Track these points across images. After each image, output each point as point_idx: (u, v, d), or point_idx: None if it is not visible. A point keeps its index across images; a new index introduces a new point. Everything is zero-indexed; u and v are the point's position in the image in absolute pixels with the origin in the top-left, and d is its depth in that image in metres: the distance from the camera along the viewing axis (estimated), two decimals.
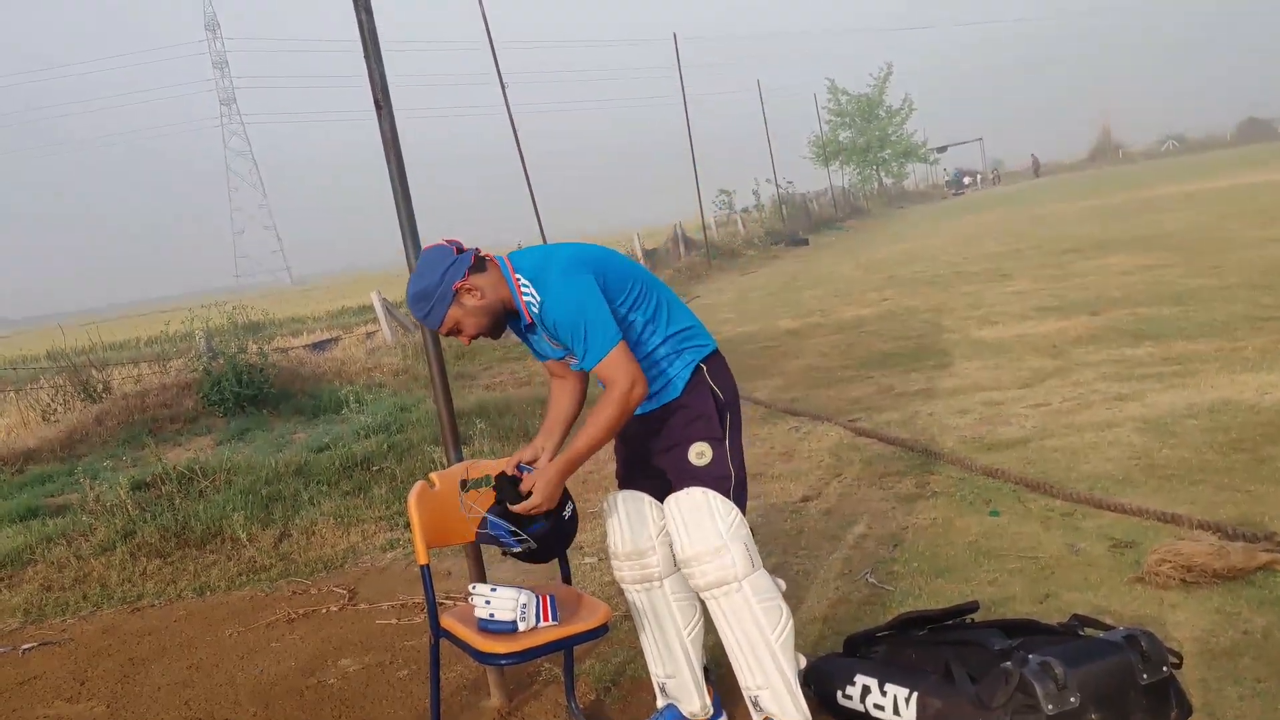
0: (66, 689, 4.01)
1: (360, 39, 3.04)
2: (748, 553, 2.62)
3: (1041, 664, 2.30)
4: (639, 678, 3.29)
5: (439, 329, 2.62)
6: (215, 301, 13.10)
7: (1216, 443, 4.67)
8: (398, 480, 6.27)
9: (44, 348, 20.21)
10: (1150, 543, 3.60)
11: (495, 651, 2.64)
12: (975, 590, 3.51)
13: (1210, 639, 2.93)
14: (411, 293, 2.60)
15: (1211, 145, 68.66)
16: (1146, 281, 10.13)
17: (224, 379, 9.38)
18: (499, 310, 2.62)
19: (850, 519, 4.52)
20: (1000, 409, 6.00)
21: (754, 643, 2.62)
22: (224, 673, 3.92)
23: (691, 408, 2.71)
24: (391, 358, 11.74)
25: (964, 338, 8.75)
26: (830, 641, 3.27)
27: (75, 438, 9.01)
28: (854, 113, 54.06)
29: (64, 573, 5.42)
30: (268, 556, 5.31)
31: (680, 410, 2.71)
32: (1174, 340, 7.07)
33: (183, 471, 6.45)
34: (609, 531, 2.86)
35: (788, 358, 9.37)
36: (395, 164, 3.07)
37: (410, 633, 4.04)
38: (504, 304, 2.62)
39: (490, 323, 2.62)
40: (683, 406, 2.70)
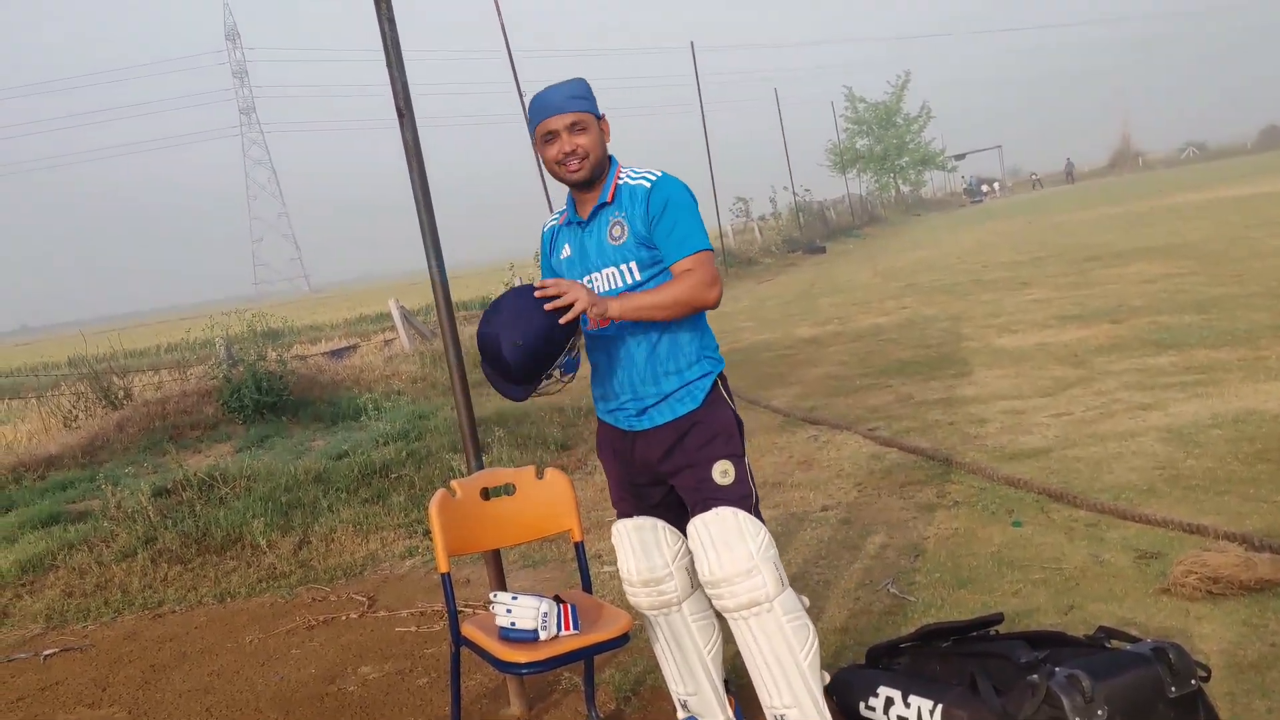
0: (88, 695, 4.03)
1: (383, 48, 3.06)
2: (777, 572, 2.56)
3: (1068, 677, 2.27)
4: (659, 687, 3.27)
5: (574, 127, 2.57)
6: (234, 309, 13.19)
7: (1241, 453, 4.62)
8: (416, 488, 6.28)
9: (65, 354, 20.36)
10: (1176, 554, 3.56)
11: (516, 660, 2.64)
12: (998, 601, 3.48)
13: (1238, 651, 2.90)
14: (576, 81, 2.63)
15: (1232, 153, 68.21)
16: (1168, 290, 10.05)
17: (244, 386, 9.43)
18: (603, 161, 2.64)
19: (870, 528, 4.49)
20: (1021, 418, 5.96)
21: (783, 663, 2.57)
22: (244, 679, 3.93)
23: (707, 423, 2.65)
24: (409, 365, 11.77)
25: (984, 346, 8.70)
26: (852, 652, 3.24)
27: (97, 444, 9.07)
28: (871, 120, 54.00)
29: (85, 579, 5.45)
30: (287, 563, 5.32)
31: (696, 427, 2.64)
32: (1197, 349, 7.01)
33: (203, 478, 6.48)
34: (622, 560, 2.79)
35: (806, 366, 9.34)
36: (417, 171, 3.08)
37: (430, 640, 4.04)
38: (604, 163, 2.64)
39: (597, 160, 2.61)
40: (697, 423, 2.64)
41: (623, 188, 2.65)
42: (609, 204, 2.65)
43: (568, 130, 2.57)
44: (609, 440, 2.82)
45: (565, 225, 2.77)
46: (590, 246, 2.68)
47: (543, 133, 2.61)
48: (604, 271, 2.65)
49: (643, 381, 2.66)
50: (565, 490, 3.06)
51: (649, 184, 2.61)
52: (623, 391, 2.69)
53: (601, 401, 2.79)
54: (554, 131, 2.58)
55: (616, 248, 2.63)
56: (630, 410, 2.70)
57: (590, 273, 2.67)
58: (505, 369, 2.49)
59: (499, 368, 2.51)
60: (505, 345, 2.45)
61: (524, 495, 3.06)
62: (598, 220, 2.67)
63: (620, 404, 2.71)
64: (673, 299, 2.53)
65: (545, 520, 3.08)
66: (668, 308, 2.53)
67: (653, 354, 2.65)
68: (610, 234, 2.64)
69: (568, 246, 2.74)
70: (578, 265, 2.70)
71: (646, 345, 2.65)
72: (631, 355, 2.66)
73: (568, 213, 2.76)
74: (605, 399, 2.76)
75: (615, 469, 2.81)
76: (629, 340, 2.66)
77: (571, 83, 2.64)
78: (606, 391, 2.74)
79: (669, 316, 2.56)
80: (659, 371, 2.65)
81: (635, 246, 2.61)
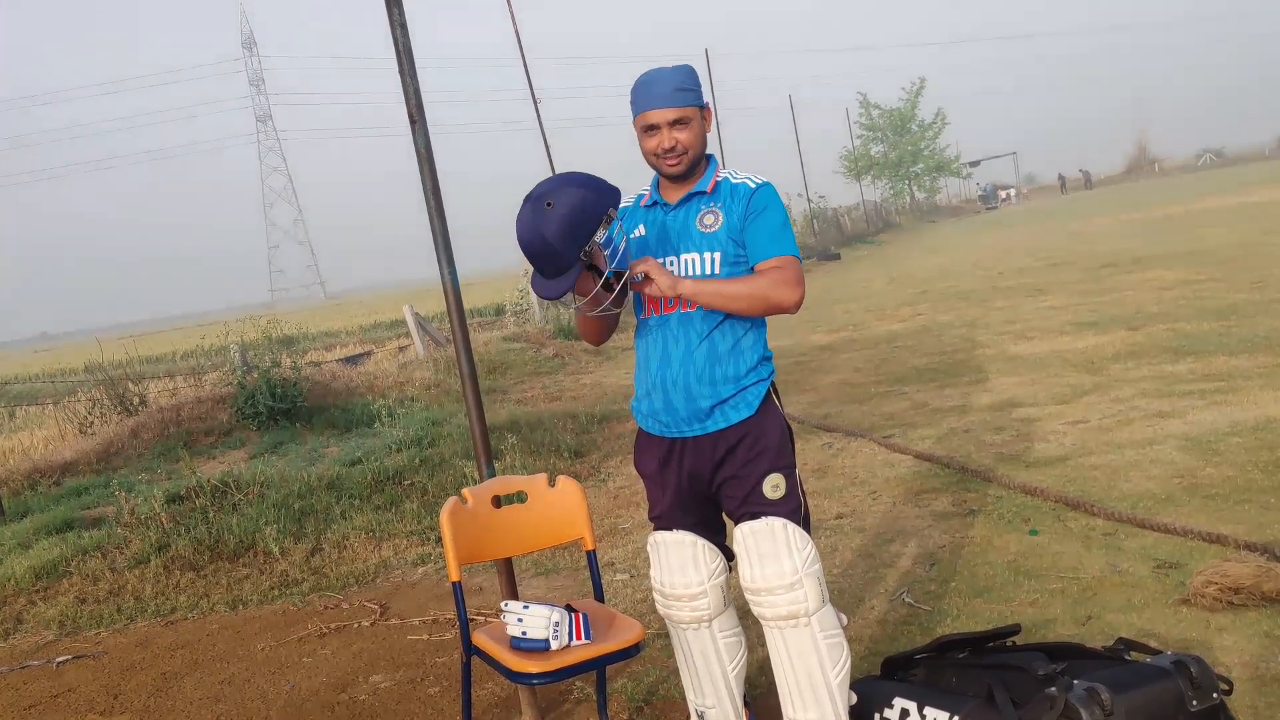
0: (100, 702, 4.03)
1: (395, 54, 3.05)
2: (820, 588, 2.51)
3: (1088, 690, 2.23)
4: (672, 698, 3.24)
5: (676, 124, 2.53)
6: (250, 316, 13.23)
7: (1261, 461, 4.56)
8: (429, 495, 6.27)
9: (82, 361, 20.49)
10: (1195, 563, 3.51)
11: (528, 670, 2.61)
12: (1015, 611, 3.44)
13: (1260, 664, 2.85)
14: (684, 71, 2.59)
15: (1250, 158, 67.74)
16: (1186, 296, 9.97)
17: (258, 392, 9.45)
18: (701, 154, 2.61)
19: (886, 537, 4.45)
20: (1037, 425, 5.90)
21: (813, 678, 2.52)
22: (255, 687, 3.92)
23: (757, 434, 2.57)
24: (423, 372, 11.78)
25: (999, 353, 8.64)
26: (867, 663, 3.20)
27: (111, 450, 9.10)
28: (886, 127, 53.93)
29: (98, 585, 5.45)
30: (300, 570, 5.31)
31: (746, 438, 2.57)
32: (1215, 356, 6.94)
33: (216, 485, 6.48)
34: (655, 572, 2.73)
35: (820, 373, 9.30)
36: (429, 177, 3.07)
37: (442, 649, 4.02)
38: (702, 156, 2.62)
39: (695, 156, 2.58)
40: (747, 434, 2.57)
41: (724, 183, 2.62)
42: (707, 194, 2.61)
43: (669, 125, 2.54)
44: (652, 449, 2.71)
45: (645, 207, 2.71)
46: (674, 229, 2.63)
47: (643, 124, 2.56)
48: (685, 256, 2.59)
49: (699, 382, 2.56)
50: (577, 498, 3.03)
51: (754, 184, 2.60)
52: (675, 392, 2.58)
53: (647, 400, 2.66)
54: (655, 125, 2.54)
55: (705, 235, 2.58)
56: (681, 414, 2.59)
57: (670, 255, 2.61)
58: (540, 243, 2.36)
59: (535, 243, 2.37)
60: (536, 208, 2.36)
61: (536, 503, 3.03)
62: (688, 206, 2.62)
63: (669, 405, 2.59)
64: (751, 291, 2.47)
65: (557, 529, 3.06)
66: (743, 299, 2.47)
67: (714, 355, 2.56)
68: (701, 221, 2.59)
69: (643, 227, 2.68)
70: (655, 246, 2.64)
71: (710, 345, 2.56)
72: (692, 354, 2.57)
73: (650, 194, 2.70)
74: (652, 398, 2.64)
75: (657, 480, 2.72)
76: (693, 336, 2.57)
77: (678, 72, 2.58)
78: (655, 389, 2.62)
79: (742, 310, 2.49)
80: (718, 376, 2.56)
81: (725, 239, 2.56)
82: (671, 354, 2.59)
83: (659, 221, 2.65)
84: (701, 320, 2.57)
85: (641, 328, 2.69)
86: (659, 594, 2.73)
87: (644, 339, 2.68)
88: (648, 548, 2.78)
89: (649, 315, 2.65)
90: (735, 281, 2.49)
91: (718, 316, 2.57)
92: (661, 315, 2.62)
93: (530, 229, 2.37)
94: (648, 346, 2.66)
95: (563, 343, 14.28)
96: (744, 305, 2.48)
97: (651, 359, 2.64)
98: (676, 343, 2.59)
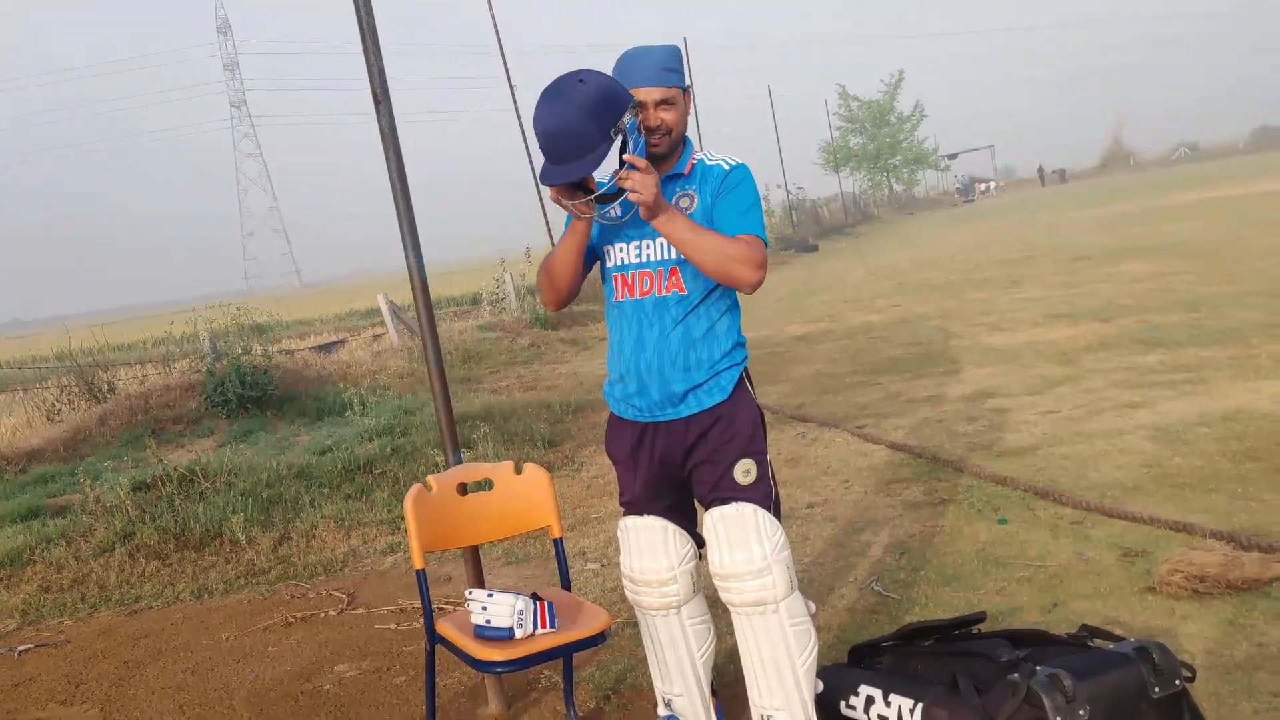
0: (61, 691, 3.97)
1: (360, 34, 3.00)
2: (788, 575, 2.49)
3: (1050, 676, 2.22)
4: (639, 686, 3.23)
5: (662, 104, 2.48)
6: (223, 304, 13.08)
7: (1229, 451, 4.59)
8: (400, 483, 6.22)
9: (53, 348, 20.23)
10: (1162, 552, 3.52)
11: (491, 659, 2.59)
12: (983, 599, 3.44)
13: (1223, 651, 2.86)
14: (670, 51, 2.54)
15: (1224, 153, 68.41)
16: (1158, 289, 10.04)
17: (227, 380, 9.35)
18: (682, 134, 2.57)
19: (857, 526, 4.45)
20: (1009, 416, 5.92)
21: (779, 665, 2.51)
22: (219, 677, 3.87)
23: (732, 418, 2.55)
24: (397, 360, 11.70)
25: (974, 344, 8.67)
26: (836, 650, 3.20)
27: (79, 438, 8.98)
28: (865, 119, 54.05)
29: (63, 574, 5.38)
30: (267, 559, 5.26)
31: (719, 423, 2.55)
32: (1186, 347, 6.98)
33: (183, 473, 6.40)
34: (625, 558, 2.70)
35: (796, 363, 9.30)
36: (394, 159, 3.02)
37: (409, 638, 3.99)
38: (681, 138, 2.58)
39: (678, 136, 2.54)
40: (720, 418, 2.55)
41: (699, 164, 2.59)
42: (684, 176, 2.58)
43: (655, 105, 2.49)
44: (624, 434, 2.68)
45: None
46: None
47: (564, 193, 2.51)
48: (659, 240, 2.55)
49: (673, 366, 2.53)
50: (544, 486, 3.00)
51: (728, 166, 2.56)
52: (649, 376, 2.54)
53: (620, 385, 2.63)
54: (641, 104, 2.48)
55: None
56: (654, 398, 2.56)
57: (644, 240, 2.57)
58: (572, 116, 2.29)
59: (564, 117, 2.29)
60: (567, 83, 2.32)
61: (502, 491, 3.00)
62: (665, 190, 2.57)
63: (643, 390, 2.56)
64: (718, 247, 2.41)
65: (524, 516, 3.03)
66: (708, 253, 2.41)
67: (689, 340, 2.53)
68: (677, 204, 2.55)
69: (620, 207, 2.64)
70: (631, 230, 2.59)
71: (684, 330, 2.53)
72: (666, 339, 2.53)
73: None
74: (625, 382, 2.61)
75: (629, 465, 2.69)
76: (667, 321, 2.54)
77: (665, 52, 2.53)
78: (629, 374, 2.59)
79: (701, 263, 2.42)
80: (692, 361, 2.53)
81: (700, 220, 2.52)
82: (646, 338, 2.56)
83: (634, 204, 2.61)
84: (676, 305, 2.54)
85: (615, 311, 2.65)
86: (628, 580, 2.71)
87: (617, 323, 2.64)
88: (618, 533, 2.75)
89: (622, 299, 2.61)
90: (708, 234, 2.44)
91: (693, 302, 2.54)
92: (636, 299, 2.58)
93: (560, 103, 2.31)
94: (621, 330, 2.63)
95: (539, 332, 14.24)
96: (707, 260, 2.42)
97: (625, 343, 2.61)
98: (651, 326, 2.56)
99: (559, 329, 14.75)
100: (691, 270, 2.53)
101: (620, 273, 2.61)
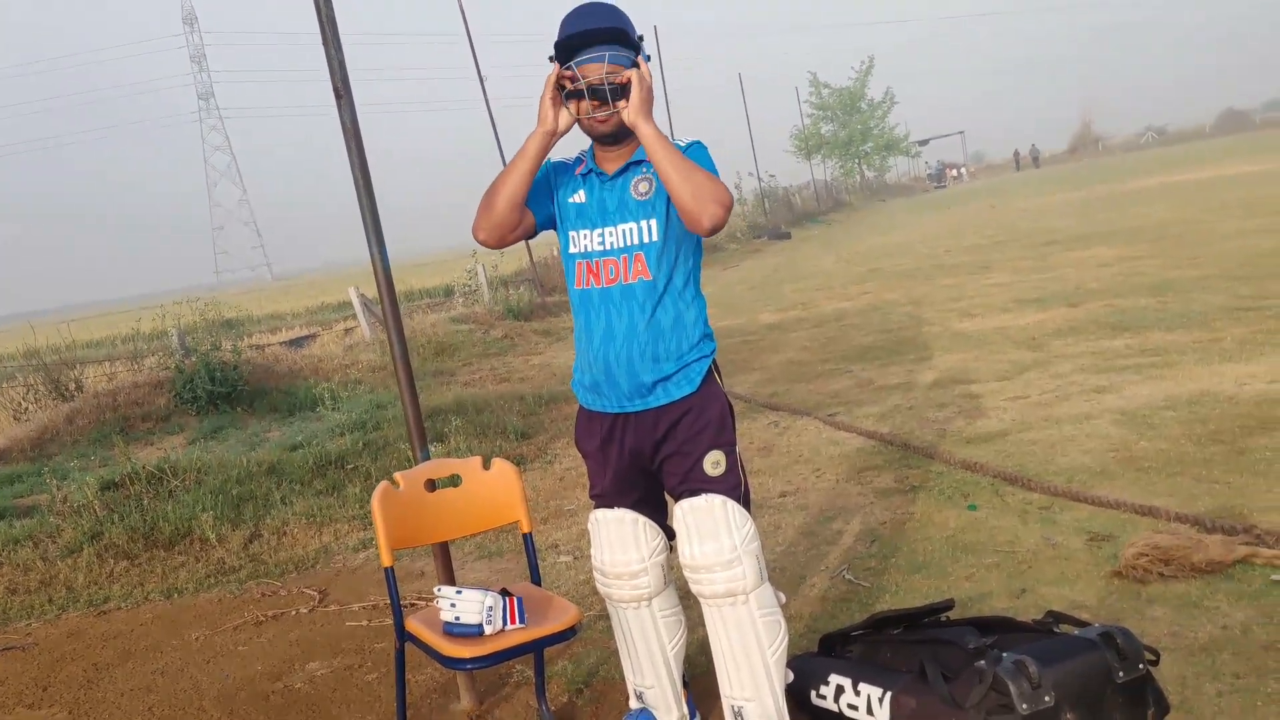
0: (28, 695, 3.92)
1: (319, 27, 2.96)
2: (758, 566, 2.49)
3: (1015, 663, 2.25)
4: (611, 679, 3.23)
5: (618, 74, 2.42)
6: (193, 299, 12.94)
7: (1194, 434, 4.64)
8: (372, 478, 6.19)
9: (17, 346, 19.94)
10: (1128, 536, 3.56)
11: (460, 656, 2.58)
12: (952, 586, 3.47)
13: (1188, 634, 2.89)
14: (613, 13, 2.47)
15: (1191, 136, 69.11)
16: (1125, 273, 10.14)
17: (196, 377, 9.26)
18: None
19: (828, 514, 4.47)
20: (979, 402, 5.97)
21: (750, 656, 2.51)
22: (189, 678, 3.84)
23: (698, 411, 2.54)
24: (369, 354, 11.63)
25: (944, 330, 8.72)
26: (807, 640, 3.21)
27: (46, 437, 8.88)
28: (836, 106, 54.12)
29: (29, 575, 5.31)
30: (237, 557, 5.22)
31: (688, 414, 2.53)
32: (1152, 331, 7.06)
33: (152, 471, 6.34)
34: (596, 551, 2.70)
35: (768, 352, 9.32)
36: (356, 153, 2.99)
37: (381, 635, 3.97)
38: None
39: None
40: (689, 410, 2.53)
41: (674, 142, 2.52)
42: (644, 162, 2.53)
43: (610, 63, 2.42)
44: (593, 427, 2.66)
45: (580, 175, 2.61)
46: (610, 201, 2.55)
47: (570, 76, 2.43)
48: (621, 227, 2.52)
49: (642, 358, 2.50)
50: (513, 481, 2.99)
51: (684, 143, 2.51)
52: (618, 367, 2.51)
53: (589, 376, 2.60)
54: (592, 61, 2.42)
55: (640, 203, 2.51)
56: (624, 389, 2.53)
57: (607, 226, 2.54)
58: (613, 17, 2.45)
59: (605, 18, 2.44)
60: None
61: (471, 487, 2.99)
62: (625, 176, 2.55)
63: (612, 381, 2.54)
64: (690, 170, 2.35)
65: (493, 512, 3.02)
66: (684, 175, 2.34)
67: (658, 331, 2.50)
68: (636, 189, 2.52)
69: (582, 194, 2.59)
70: (595, 217, 2.55)
71: (654, 321, 2.50)
72: (635, 330, 2.50)
73: (587, 162, 2.61)
74: (594, 374, 2.58)
75: (599, 458, 2.67)
76: (635, 311, 2.50)
77: (609, 16, 2.45)
78: (597, 366, 2.55)
79: (673, 182, 2.34)
80: (661, 352, 2.50)
81: (659, 203, 2.50)
82: (615, 328, 2.53)
83: (598, 192, 2.57)
84: (644, 294, 2.51)
85: (582, 300, 2.60)
86: (599, 573, 2.70)
87: (584, 313, 2.60)
88: (588, 526, 2.75)
89: (586, 286, 2.57)
90: (686, 161, 2.38)
91: (659, 289, 2.51)
92: (603, 288, 2.55)
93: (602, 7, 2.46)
94: (589, 320, 2.59)
95: (511, 324, 14.19)
96: (680, 181, 2.34)
97: (594, 333, 2.57)
98: (619, 316, 2.53)
99: (531, 320, 14.72)
100: (656, 254, 2.50)
101: (585, 259, 2.58)
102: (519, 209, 2.54)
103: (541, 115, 2.47)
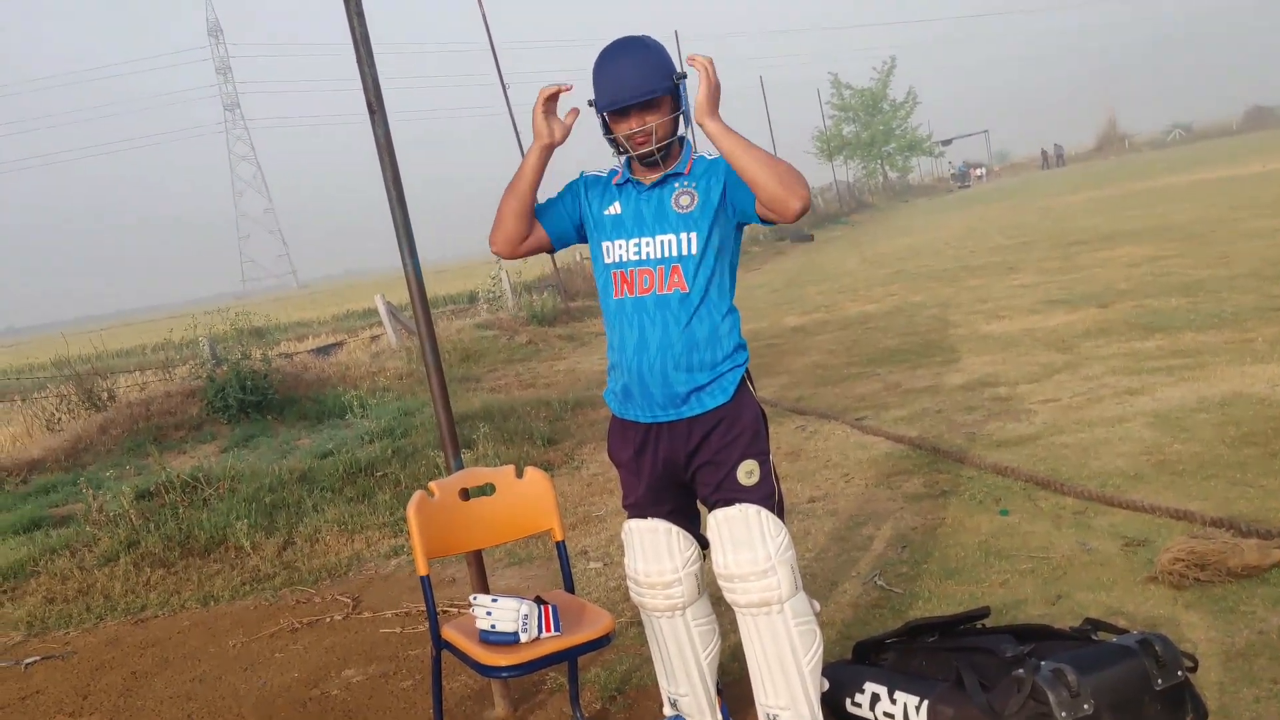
0: (69, 703, 3.98)
1: (352, 43, 3.00)
2: (793, 575, 2.50)
3: (1054, 671, 2.24)
4: (644, 685, 3.24)
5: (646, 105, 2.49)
6: (221, 307, 13.10)
7: (1228, 437, 4.60)
8: (402, 486, 6.23)
9: (49, 356, 20.24)
10: (1163, 541, 3.54)
11: (497, 664, 2.60)
12: (986, 592, 3.46)
13: (1225, 640, 2.87)
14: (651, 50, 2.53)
15: (1218, 133, 68.41)
16: (1154, 273, 10.05)
17: (228, 385, 9.36)
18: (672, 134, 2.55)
19: (858, 520, 4.47)
20: (1008, 405, 5.94)
21: (785, 665, 2.52)
22: (227, 685, 3.88)
23: (732, 420, 2.55)
24: (396, 361, 11.71)
25: (971, 332, 8.68)
26: (839, 647, 3.21)
27: (80, 447, 8.99)
28: (857, 107, 53.96)
29: (67, 584, 5.38)
30: (271, 565, 5.27)
31: (722, 424, 2.54)
32: (1183, 332, 7.00)
33: (186, 480, 6.41)
34: (629, 560, 2.71)
35: (793, 355, 9.31)
36: (390, 167, 3.03)
37: (414, 642, 4.00)
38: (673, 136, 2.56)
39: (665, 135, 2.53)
40: (723, 419, 2.54)
41: (700, 160, 2.58)
42: (684, 174, 2.56)
43: (639, 108, 2.49)
44: (627, 436, 2.67)
45: (617, 185, 2.63)
46: (648, 211, 2.57)
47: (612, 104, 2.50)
48: (659, 238, 2.54)
49: (676, 368, 2.51)
50: (545, 489, 3.01)
51: (710, 157, 2.56)
52: (651, 376, 2.53)
53: (622, 386, 2.61)
54: (625, 109, 2.49)
55: (681, 216, 2.53)
56: (657, 399, 2.54)
57: (644, 237, 2.56)
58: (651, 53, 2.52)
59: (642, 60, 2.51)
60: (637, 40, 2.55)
61: (504, 495, 3.01)
62: (663, 187, 2.57)
63: (645, 391, 2.55)
64: (771, 159, 2.39)
65: (526, 520, 3.04)
66: (761, 161, 2.38)
67: (692, 341, 2.51)
68: (677, 202, 2.54)
69: (618, 205, 2.61)
70: (631, 227, 2.58)
71: (688, 331, 2.51)
72: (670, 340, 2.51)
73: (623, 174, 2.63)
74: (628, 384, 2.58)
75: (632, 468, 2.68)
76: (670, 321, 2.52)
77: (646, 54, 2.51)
78: (631, 376, 2.56)
79: (754, 175, 2.38)
80: (695, 362, 2.52)
81: (701, 218, 2.52)
82: (649, 338, 2.54)
83: (634, 202, 2.59)
84: (678, 304, 2.53)
85: (616, 310, 2.61)
86: (633, 582, 2.72)
87: (618, 322, 2.61)
88: (622, 536, 2.77)
89: (622, 296, 2.59)
90: (764, 151, 2.41)
91: (695, 302, 2.53)
92: (637, 297, 2.56)
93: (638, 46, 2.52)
94: (623, 330, 2.60)
95: (536, 329, 14.24)
96: (765, 171, 2.37)
97: (627, 343, 2.58)
98: (654, 326, 2.54)
99: (556, 325, 14.76)
100: (693, 267, 2.52)
101: (619, 269, 2.59)
102: (526, 221, 2.61)
103: (536, 130, 2.55)
